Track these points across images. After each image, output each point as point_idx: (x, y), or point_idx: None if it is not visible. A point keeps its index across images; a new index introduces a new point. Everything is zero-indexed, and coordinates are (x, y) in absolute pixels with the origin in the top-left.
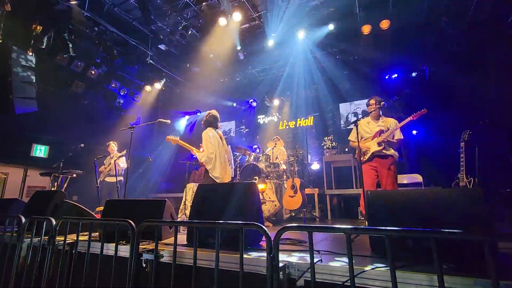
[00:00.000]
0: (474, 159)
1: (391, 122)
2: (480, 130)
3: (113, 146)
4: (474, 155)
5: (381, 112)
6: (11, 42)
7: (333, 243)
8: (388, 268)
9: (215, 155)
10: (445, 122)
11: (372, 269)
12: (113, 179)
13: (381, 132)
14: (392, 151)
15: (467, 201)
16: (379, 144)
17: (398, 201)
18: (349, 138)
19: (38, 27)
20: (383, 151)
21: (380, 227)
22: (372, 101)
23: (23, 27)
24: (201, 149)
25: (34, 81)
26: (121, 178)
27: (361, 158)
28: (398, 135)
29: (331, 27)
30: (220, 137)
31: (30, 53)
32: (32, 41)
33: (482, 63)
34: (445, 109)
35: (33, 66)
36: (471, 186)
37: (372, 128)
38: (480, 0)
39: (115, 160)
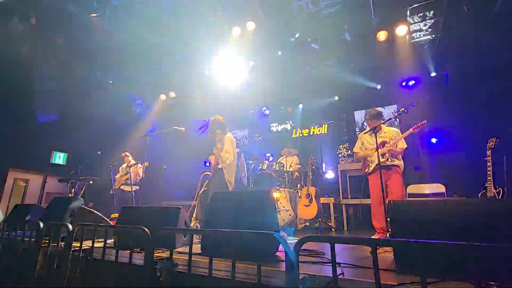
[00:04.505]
0: (502, 168)
1: (393, 132)
2: (508, 137)
3: (128, 155)
4: (502, 164)
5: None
6: (35, 54)
7: (352, 255)
8: (420, 284)
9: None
10: (467, 129)
11: (400, 284)
12: (129, 188)
13: (383, 143)
14: (397, 161)
15: (508, 213)
16: (382, 155)
17: (426, 212)
18: (353, 150)
19: (60, 39)
20: (387, 162)
21: (414, 239)
22: (367, 117)
23: (46, 39)
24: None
25: (55, 90)
26: (137, 187)
27: (366, 170)
28: (401, 145)
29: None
30: None
31: (52, 64)
32: (54, 53)
33: (508, 67)
34: (467, 115)
35: (55, 76)
36: (499, 197)
37: (374, 140)
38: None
39: (133, 169)
